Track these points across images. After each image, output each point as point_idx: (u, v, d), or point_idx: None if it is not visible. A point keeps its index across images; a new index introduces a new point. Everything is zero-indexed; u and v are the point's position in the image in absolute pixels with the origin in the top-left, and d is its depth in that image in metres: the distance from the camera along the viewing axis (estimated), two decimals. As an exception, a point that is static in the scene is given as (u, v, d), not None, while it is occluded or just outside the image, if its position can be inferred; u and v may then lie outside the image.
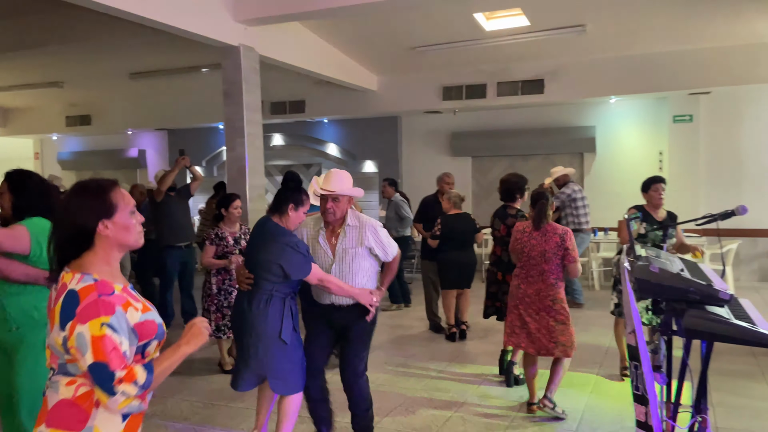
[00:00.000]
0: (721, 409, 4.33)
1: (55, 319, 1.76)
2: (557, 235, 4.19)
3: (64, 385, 1.78)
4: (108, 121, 12.97)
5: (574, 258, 4.19)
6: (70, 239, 1.83)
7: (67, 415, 1.76)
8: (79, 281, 1.77)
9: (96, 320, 1.71)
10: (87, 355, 1.70)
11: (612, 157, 10.13)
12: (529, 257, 4.24)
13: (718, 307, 2.79)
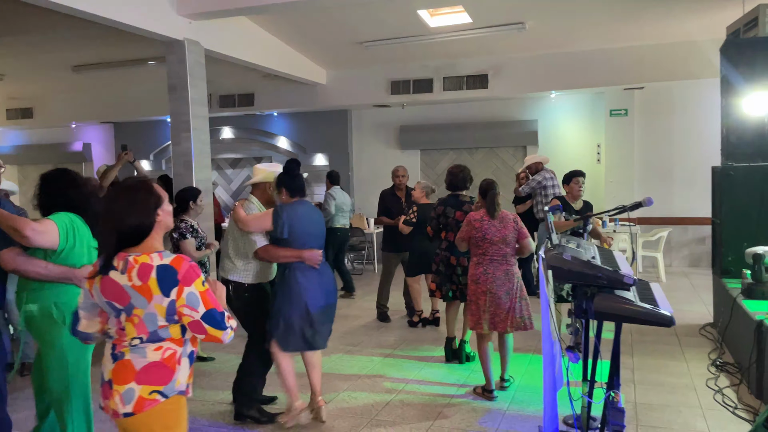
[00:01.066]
0: (642, 386, 4.65)
1: (153, 291, 2.11)
2: (511, 220, 4.59)
3: (152, 350, 2.17)
4: (51, 115, 12.66)
5: (526, 234, 4.62)
6: (136, 231, 2.19)
7: (156, 373, 2.17)
8: (162, 258, 2.16)
9: (198, 280, 2.17)
10: (200, 307, 2.14)
11: (553, 149, 10.49)
12: (491, 243, 4.52)
13: (625, 290, 3.04)
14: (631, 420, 3.98)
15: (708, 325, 6.23)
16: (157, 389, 2.16)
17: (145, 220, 2.21)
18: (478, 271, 4.55)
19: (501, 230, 4.52)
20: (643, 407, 4.23)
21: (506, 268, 4.52)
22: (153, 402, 2.14)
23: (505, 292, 4.47)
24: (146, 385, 2.15)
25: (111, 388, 2.16)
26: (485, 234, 4.53)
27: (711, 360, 5.16)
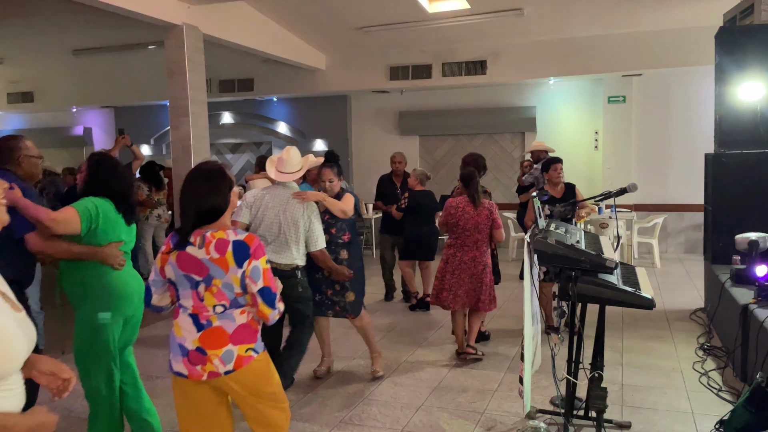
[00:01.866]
0: (629, 368, 4.75)
1: (230, 263, 2.36)
2: (486, 209, 4.83)
3: (239, 314, 2.43)
4: (51, 98, 12.70)
5: (500, 225, 4.89)
6: (213, 210, 2.42)
7: (246, 333, 2.44)
8: (236, 234, 2.42)
9: (263, 257, 2.43)
10: (259, 281, 2.39)
11: (551, 136, 10.52)
12: (464, 229, 4.81)
13: (608, 274, 3.13)
14: (617, 401, 4.08)
15: (699, 310, 6.32)
16: (250, 347, 2.45)
17: (222, 201, 2.45)
18: (449, 252, 4.91)
19: (474, 217, 4.79)
20: (630, 388, 4.32)
21: (474, 254, 4.83)
22: (249, 358, 2.44)
23: (469, 276, 4.83)
24: (241, 344, 2.42)
25: (205, 354, 2.39)
26: (458, 220, 4.82)
27: (699, 344, 5.26)
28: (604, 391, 3.26)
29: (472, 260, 4.83)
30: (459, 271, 4.84)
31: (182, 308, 2.46)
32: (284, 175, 4.16)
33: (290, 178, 4.17)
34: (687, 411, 3.94)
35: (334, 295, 4.51)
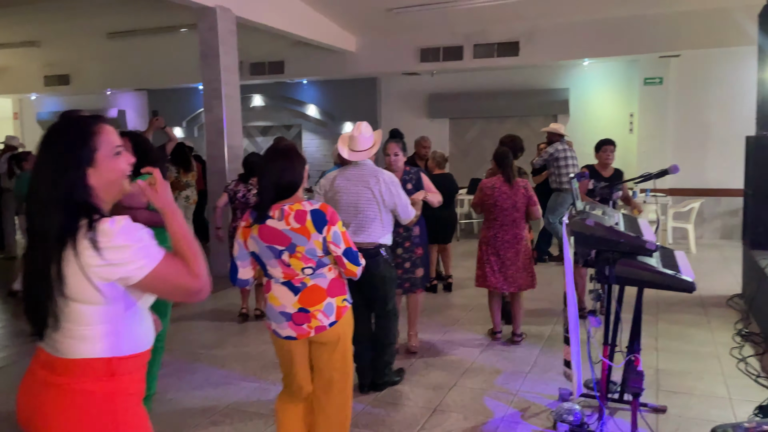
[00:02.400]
0: (665, 353, 4.69)
1: (311, 231, 2.60)
2: (522, 187, 4.84)
3: (327, 272, 2.71)
4: (86, 81, 12.93)
5: (536, 201, 4.87)
6: (290, 186, 2.65)
7: (337, 286, 2.74)
8: (312, 205, 2.65)
9: (339, 222, 2.68)
10: (341, 244, 2.66)
11: (585, 119, 10.37)
12: (501, 209, 4.81)
13: (647, 257, 3.08)
14: (652, 385, 4.04)
15: (736, 296, 6.20)
16: (344, 297, 2.76)
17: (298, 177, 2.67)
18: (489, 235, 4.90)
19: (511, 197, 4.80)
20: (665, 373, 4.28)
21: (515, 232, 4.84)
22: (345, 308, 2.75)
23: (514, 254, 4.82)
24: (338, 296, 2.72)
25: (308, 312, 2.65)
26: (495, 201, 4.82)
27: (736, 330, 5.16)
28: (641, 374, 3.23)
29: (513, 238, 4.84)
30: (503, 251, 4.84)
31: (273, 279, 2.69)
32: (357, 153, 3.90)
33: (364, 156, 3.89)
34: (724, 396, 3.89)
35: (406, 272, 4.55)
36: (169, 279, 1.58)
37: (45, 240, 1.52)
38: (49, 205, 1.53)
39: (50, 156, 1.56)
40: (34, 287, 1.53)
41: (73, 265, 1.49)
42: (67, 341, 1.54)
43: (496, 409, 3.75)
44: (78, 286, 1.50)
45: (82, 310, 1.53)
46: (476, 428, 3.51)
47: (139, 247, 1.53)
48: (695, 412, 3.65)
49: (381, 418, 3.67)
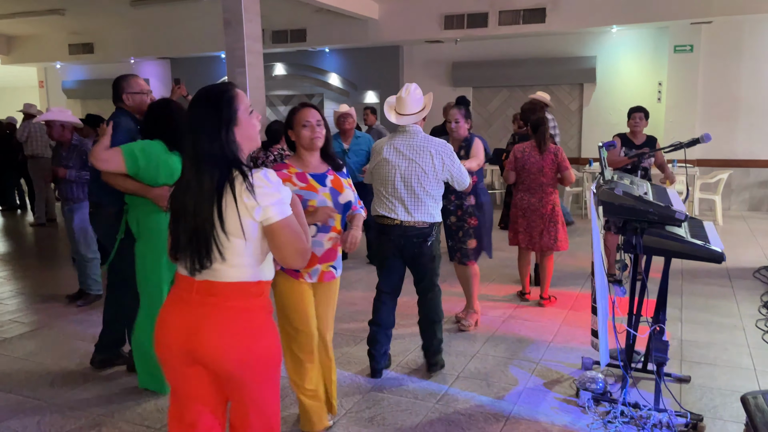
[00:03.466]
0: (689, 324, 4.68)
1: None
2: (551, 153, 5.00)
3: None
4: (110, 50, 12.99)
5: (567, 166, 4.99)
6: None
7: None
8: None
9: None
10: None
11: (612, 87, 10.18)
12: (529, 173, 5.01)
13: (676, 227, 3.06)
14: (676, 355, 4.04)
15: (763, 268, 6.13)
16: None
17: None
18: (517, 197, 5.15)
19: (540, 162, 4.98)
20: (689, 344, 4.27)
21: (541, 195, 5.03)
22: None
23: (539, 217, 5.03)
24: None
25: None
26: (524, 164, 5.02)
27: (762, 302, 5.12)
28: (665, 344, 3.23)
29: (539, 201, 5.03)
30: (529, 212, 5.08)
31: None
32: (405, 117, 3.64)
33: (412, 120, 3.64)
34: (749, 368, 3.88)
35: (458, 242, 4.57)
36: (292, 232, 1.90)
37: (204, 189, 1.84)
38: (208, 160, 1.85)
39: (203, 119, 1.87)
40: (199, 229, 1.86)
41: (232, 208, 1.84)
42: (225, 269, 1.90)
43: (519, 377, 3.79)
44: (235, 225, 1.85)
45: (237, 244, 1.88)
46: (498, 395, 3.55)
47: (282, 197, 1.89)
48: (720, 383, 3.66)
49: (404, 384, 3.73)
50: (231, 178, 1.84)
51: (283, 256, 1.92)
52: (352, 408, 3.41)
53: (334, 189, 2.93)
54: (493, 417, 3.28)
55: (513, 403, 3.44)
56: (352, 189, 3.03)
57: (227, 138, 1.88)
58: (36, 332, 4.70)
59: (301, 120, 2.89)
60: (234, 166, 1.86)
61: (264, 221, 1.87)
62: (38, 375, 3.91)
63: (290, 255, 1.91)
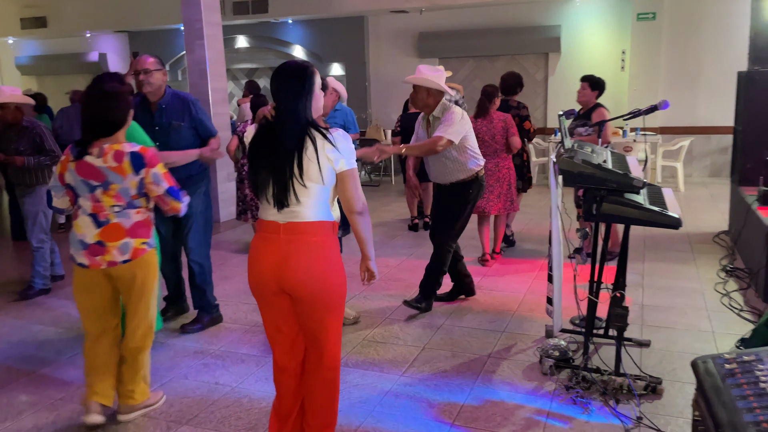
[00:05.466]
0: (650, 289, 4.76)
1: (127, 171, 2.78)
2: (501, 121, 5.38)
3: (135, 213, 2.89)
4: (65, 23, 12.51)
5: (514, 133, 5.41)
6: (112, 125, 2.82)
7: (142, 229, 2.91)
8: (131, 147, 2.82)
9: (160, 164, 2.87)
10: (163, 183, 2.86)
11: (576, 56, 10.19)
12: (482, 141, 5.24)
13: (634, 194, 3.07)
14: (636, 320, 4.12)
15: (722, 233, 6.26)
16: (144, 240, 2.92)
17: (120, 119, 2.85)
18: None
19: (491, 129, 5.36)
20: (650, 309, 4.35)
21: (495, 161, 5.41)
22: (143, 250, 2.91)
23: (495, 181, 5.43)
24: (137, 238, 2.89)
25: (104, 246, 2.83)
26: (477, 133, 5.18)
27: (722, 266, 5.24)
28: (626, 310, 3.28)
29: (495, 166, 5.41)
30: (486, 177, 5.13)
31: (81, 209, 2.86)
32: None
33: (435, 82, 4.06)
34: (707, 330, 3.97)
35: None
36: (355, 182, 2.37)
37: (286, 146, 2.27)
38: (291, 121, 2.29)
39: (289, 88, 2.30)
40: (280, 178, 2.28)
41: (313, 159, 2.27)
42: (306, 211, 2.32)
43: (484, 347, 3.82)
44: (315, 173, 2.29)
45: (316, 189, 2.32)
46: (464, 364, 3.58)
47: (352, 150, 2.37)
48: (679, 346, 3.74)
49: (371, 356, 3.73)
50: (312, 135, 2.28)
51: (347, 198, 2.37)
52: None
53: None
54: (458, 387, 3.31)
55: (477, 373, 3.46)
56: None
57: (306, 105, 2.32)
58: (-8, 317, 4.57)
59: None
60: (313, 126, 2.31)
61: (338, 169, 2.33)
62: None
63: (355, 198, 2.37)
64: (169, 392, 3.33)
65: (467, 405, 3.12)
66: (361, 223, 2.42)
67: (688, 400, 3.01)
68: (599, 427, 2.89)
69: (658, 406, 3.05)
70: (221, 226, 7.46)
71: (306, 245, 2.32)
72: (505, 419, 2.98)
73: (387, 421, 2.98)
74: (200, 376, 3.53)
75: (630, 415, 2.95)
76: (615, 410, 3.01)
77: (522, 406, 3.09)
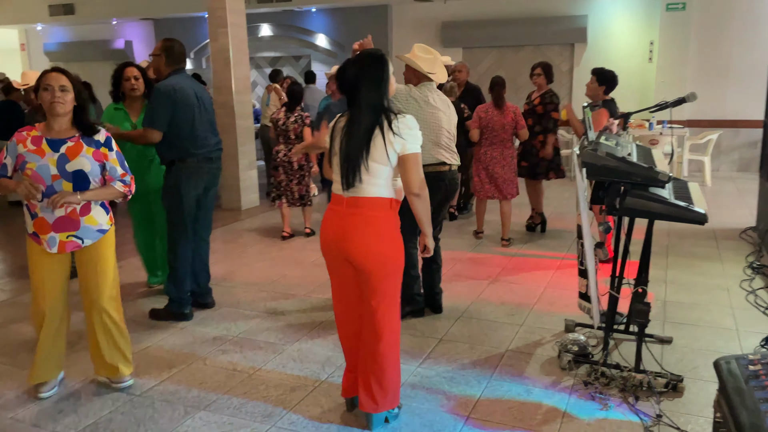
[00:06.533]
0: (674, 285, 4.68)
1: None
2: (511, 112, 5.69)
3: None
4: (92, 10, 12.62)
5: (523, 125, 5.73)
6: None
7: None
8: None
9: None
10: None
11: (603, 47, 10.01)
12: (492, 129, 5.70)
13: (659, 188, 3.01)
14: (659, 316, 4.05)
15: (749, 228, 6.13)
16: None
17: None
18: (480, 151, 5.84)
19: (501, 119, 5.64)
20: (673, 305, 4.28)
21: (501, 149, 5.73)
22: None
23: (501, 168, 5.73)
24: None
25: None
26: (488, 122, 5.68)
27: (748, 263, 5.13)
28: (647, 306, 3.22)
29: (500, 154, 5.74)
30: (492, 165, 5.75)
31: None
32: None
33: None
34: (731, 328, 3.89)
35: None
36: (416, 165, 2.58)
37: (362, 128, 2.53)
38: (369, 106, 2.55)
39: (372, 77, 2.56)
40: (352, 157, 2.54)
41: (381, 142, 2.53)
42: (369, 188, 2.57)
43: (502, 340, 3.79)
44: (381, 154, 2.54)
45: (379, 169, 2.56)
46: (481, 357, 3.55)
47: (416, 137, 2.58)
48: (701, 344, 3.67)
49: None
50: (381, 120, 2.53)
51: (408, 180, 2.57)
52: (334, 373, 3.40)
53: (65, 156, 2.91)
54: (475, 379, 3.29)
55: (495, 366, 3.44)
56: (101, 160, 3.00)
57: (384, 91, 2.56)
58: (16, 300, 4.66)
59: (42, 83, 2.91)
60: (384, 112, 2.55)
61: (401, 152, 2.55)
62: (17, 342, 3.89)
63: (414, 180, 2.57)
64: (188, 377, 3.37)
65: (483, 398, 3.10)
66: (418, 203, 2.63)
67: (709, 399, 2.95)
68: (618, 423, 2.85)
69: (679, 404, 3.00)
70: (242, 214, 7.50)
71: (364, 219, 2.58)
72: (522, 414, 2.95)
73: (402, 411, 2.98)
74: (218, 362, 3.56)
75: (650, 413, 2.91)
76: (634, 407, 2.96)
77: (539, 401, 3.06)
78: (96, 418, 2.98)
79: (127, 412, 3.03)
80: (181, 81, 3.95)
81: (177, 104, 3.86)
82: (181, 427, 2.90)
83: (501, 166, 5.72)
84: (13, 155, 2.93)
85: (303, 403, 3.08)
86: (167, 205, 4.06)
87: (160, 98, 3.84)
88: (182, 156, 3.98)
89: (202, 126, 4.03)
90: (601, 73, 5.22)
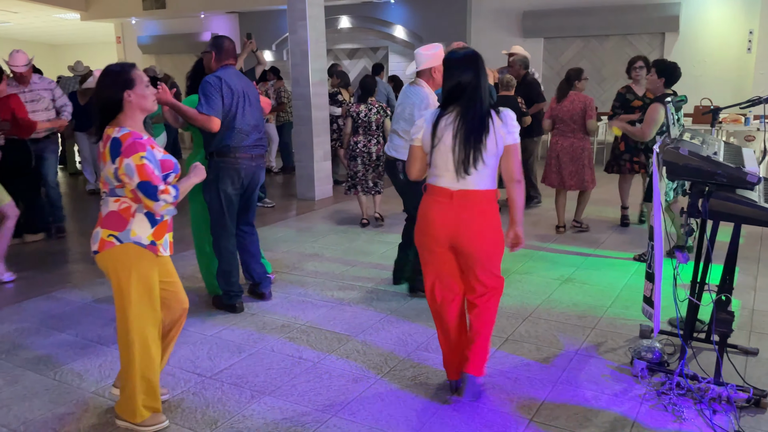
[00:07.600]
0: (764, 293, 4.37)
1: (107, 157, 2.59)
2: (581, 102, 5.74)
3: (113, 202, 2.66)
4: (181, 4, 13.18)
5: (591, 116, 5.74)
6: (110, 108, 2.63)
7: (113, 220, 2.66)
8: (118, 132, 2.60)
9: (137, 155, 2.55)
10: (134, 177, 2.55)
11: (696, 37, 9.45)
12: (561, 120, 5.82)
13: (748, 190, 2.81)
14: (745, 326, 3.79)
15: None
16: (113, 233, 2.65)
17: (109, 100, 2.62)
18: (552, 141, 5.98)
19: (570, 110, 5.76)
20: (761, 314, 3.99)
21: (572, 140, 5.82)
22: (110, 244, 2.65)
23: (569, 159, 5.81)
24: (106, 229, 2.65)
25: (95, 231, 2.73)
26: (557, 113, 5.85)
27: None
28: (731, 315, 3.02)
29: (570, 146, 5.81)
30: (561, 154, 5.85)
31: None
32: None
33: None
34: (827, 343, 3.59)
35: None
36: (517, 154, 2.78)
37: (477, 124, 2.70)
38: (481, 102, 2.73)
39: (475, 75, 2.74)
40: (468, 148, 2.70)
41: (492, 132, 2.71)
42: (478, 180, 2.74)
43: (571, 343, 3.67)
44: (492, 145, 2.72)
45: (489, 159, 2.73)
46: (548, 359, 3.45)
47: (517, 127, 2.78)
48: (791, 358, 3.41)
49: (452, 343, 3.68)
50: (491, 113, 2.73)
51: (510, 168, 2.77)
52: (396, 366, 3.41)
53: None
54: (540, 382, 3.20)
55: (562, 369, 3.33)
56: None
57: (485, 87, 2.76)
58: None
59: None
60: (492, 106, 2.76)
61: (506, 143, 2.73)
62: (104, 318, 4.13)
63: (517, 168, 2.77)
64: (256, 362, 3.47)
65: (548, 402, 3.01)
66: (517, 190, 2.80)
67: (797, 418, 2.74)
68: (691, 438, 2.70)
69: (761, 420, 2.80)
70: (315, 204, 7.63)
71: (476, 213, 2.76)
72: (587, 420, 2.85)
73: (463, 410, 2.94)
74: (285, 349, 3.64)
75: (727, 428, 2.73)
76: (711, 421, 2.79)
77: (607, 409, 2.94)
78: (168, 397, 3.12)
79: (198, 393, 3.15)
80: (227, 74, 3.99)
81: (223, 95, 3.92)
82: (246, 410, 2.99)
83: (570, 157, 5.81)
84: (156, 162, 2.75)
85: (364, 395, 3.11)
86: (207, 199, 4.13)
87: (208, 87, 3.89)
88: (220, 149, 3.99)
89: (244, 120, 4.02)
90: (660, 66, 4.93)
